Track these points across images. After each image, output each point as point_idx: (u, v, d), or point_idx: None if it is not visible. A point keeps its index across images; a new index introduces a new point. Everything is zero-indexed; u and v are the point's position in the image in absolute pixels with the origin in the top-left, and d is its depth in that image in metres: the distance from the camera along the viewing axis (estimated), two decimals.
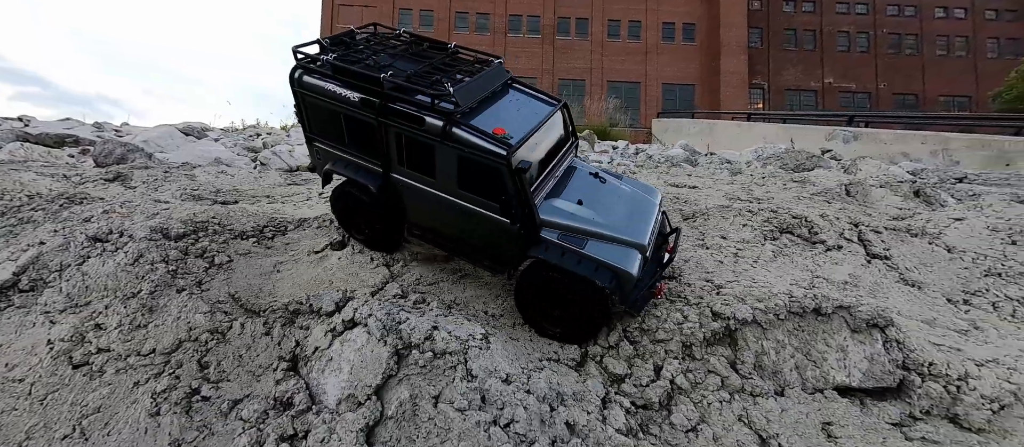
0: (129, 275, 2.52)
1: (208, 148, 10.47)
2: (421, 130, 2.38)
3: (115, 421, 1.83)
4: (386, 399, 1.78)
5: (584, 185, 2.77)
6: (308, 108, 2.77)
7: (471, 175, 2.38)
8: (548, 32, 33.64)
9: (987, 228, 4.61)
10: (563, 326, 2.42)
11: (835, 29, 31.84)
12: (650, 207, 2.76)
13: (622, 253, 2.36)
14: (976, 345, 2.65)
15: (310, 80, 2.64)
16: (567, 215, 2.47)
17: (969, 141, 11.27)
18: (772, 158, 8.62)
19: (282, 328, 2.33)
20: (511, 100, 2.76)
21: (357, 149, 2.69)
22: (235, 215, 3.38)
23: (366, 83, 2.46)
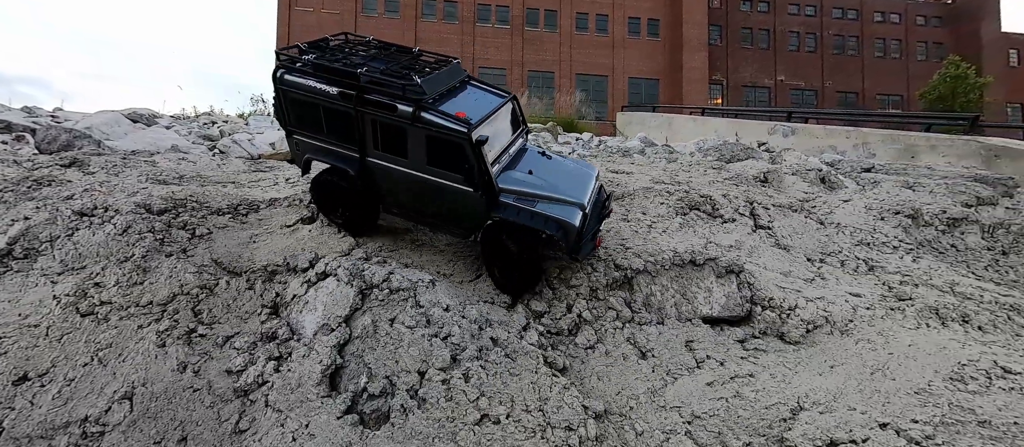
0: (120, 243, 2.93)
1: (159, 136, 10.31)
2: (394, 116, 2.84)
3: (127, 352, 2.31)
4: (353, 325, 2.36)
5: (533, 160, 3.33)
6: (289, 103, 3.16)
7: (438, 152, 2.84)
8: (517, 23, 34.00)
9: (865, 207, 5.72)
10: (518, 272, 2.92)
11: (786, 29, 34.29)
12: (588, 177, 3.32)
13: (566, 209, 2.90)
14: (814, 288, 3.57)
15: (292, 78, 3.04)
16: (520, 182, 2.98)
17: (883, 136, 12.97)
18: (711, 150, 9.69)
19: (263, 284, 2.84)
20: (468, 93, 3.27)
21: (335, 137, 3.09)
22: (211, 194, 3.78)
23: (344, 78, 2.90)
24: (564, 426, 2.06)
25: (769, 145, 12.18)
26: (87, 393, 2.10)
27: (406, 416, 2.01)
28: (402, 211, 3.26)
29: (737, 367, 2.67)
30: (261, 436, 1.96)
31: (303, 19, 31.38)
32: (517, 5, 33.83)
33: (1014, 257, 5.43)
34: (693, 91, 32.37)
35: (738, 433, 2.18)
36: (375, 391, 2.07)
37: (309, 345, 2.29)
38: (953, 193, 6.50)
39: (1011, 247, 5.52)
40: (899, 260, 4.76)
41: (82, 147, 7.33)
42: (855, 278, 4.00)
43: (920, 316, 3.34)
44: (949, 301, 3.69)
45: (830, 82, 33.70)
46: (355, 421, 1.99)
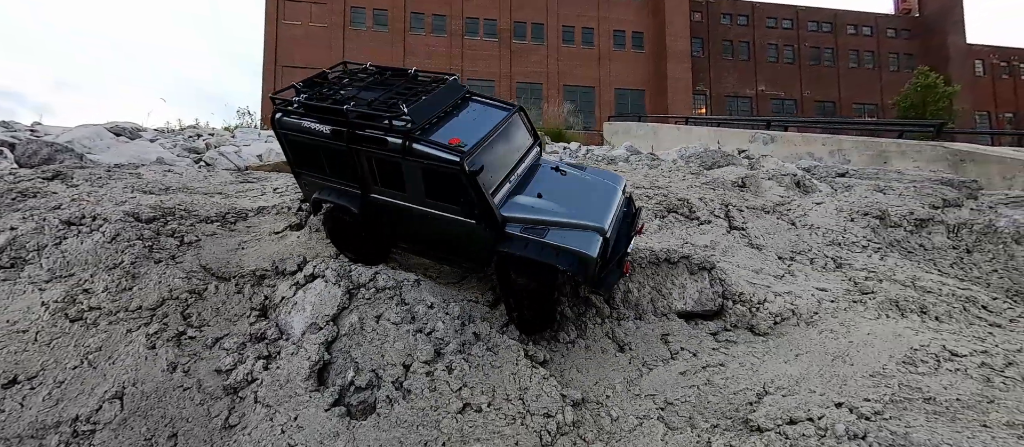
0: (109, 250, 2.99)
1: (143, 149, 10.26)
2: (386, 150, 2.69)
3: (117, 354, 2.37)
4: (340, 323, 2.47)
5: (545, 180, 2.99)
6: (290, 145, 3.13)
7: (434, 184, 2.64)
8: (505, 36, 34.68)
9: (836, 210, 6.02)
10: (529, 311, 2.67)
11: (765, 41, 35.65)
12: (611, 192, 2.97)
13: (582, 237, 2.57)
14: (783, 284, 3.78)
15: (288, 120, 3.02)
16: (527, 209, 2.70)
17: (857, 143, 13.58)
18: (693, 157, 10.05)
19: (251, 287, 2.93)
20: (469, 112, 3.04)
21: (338, 176, 3.00)
22: (199, 203, 3.86)
23: (333, 116, 2.80)
24: (543, 413, 2.19)
25: (749, 152, 12.65)
26: (77, 394, 2.16)
27: (391, 406, 2.12)
28: (410, 246, 3.12)
29: (709, 357, 2.83)
30: (251, 430, 2.05)
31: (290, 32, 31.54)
32: (505, 18, 34.55)
33: (977, 255, 5.76)
34: (678, 101, 33.29)
35: (707, 416, 2.34)
36: (362, 384, 2.18)
37: (298, 343, 2.39)
38: (921, 196, 6.87)
39: (974, 245, 5.85)
40: (866, 258, 5.03)
41: (64, 161, 7.29)
42: (823, 274, 4.24)
43: (881, 308, 3.57)
44: (909, 294, 3.93)
45: (808, 92, 35.00)
46: (342, 413, 2.09)
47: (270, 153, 11.36)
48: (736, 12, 36.10)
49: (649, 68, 34.91)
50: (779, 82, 34.90)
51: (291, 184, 5.51)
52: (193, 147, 11.25)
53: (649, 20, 35.22)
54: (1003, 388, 2.41)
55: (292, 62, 31.13)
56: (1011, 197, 7.36)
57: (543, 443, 2.06)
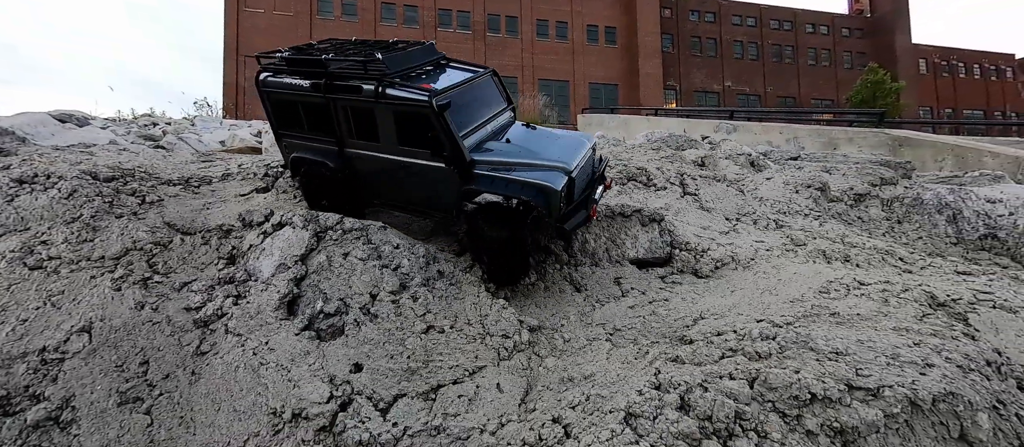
0: (66, 206, 3.00)
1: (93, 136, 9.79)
2: (361, 97, 2.82)
3: (81, 296, 2.43)
4: (309, 263, 2.62)
5: (515, 133, 3.17)
6: (273, 105, 3.25)
7: (406, 129, 2.77)
8: (479, 29, 34.64)
9: (784, 183, 6.55)
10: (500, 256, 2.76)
11: (731, 38, 37.29)
12: (580, 144, 3.13)
13: (547, 174, 2.70)
14: (726, 237, 4.19)
15: (271, 79, 3.16)
16: (496, 152, 2.86)
17: (810, 131, 14.65)
18: (659, 140, 10.58)
19: (218, 240, 3.02)
20: (445, 73, 3.19)
21: (315, 132, 3.12)
22: (160, 166, 3.86)
23: (314, 68, 2.95)
24: (501, 335, 2.43)
25: (712, 139, 13.40)
26: (42, 329, 2.22)
27: (359, 328, 2.30)
28: (384, 200, 3.25)
29: (655, 295, 3.16)
30: (223, 355, 2.18)
31: (253, 20, 30.34)
32: (478, 11, 34.52)
33: (906, 224, 6.43)
34: (649, 95, 34.37)
35: (649, 337, 2.65)
36: (330, 311, 2.35)
37: (267, 282, 2.52)
38: (862, 175, 7.56)
39: (904, 217, 6.53)
40: (806, 222, 5.56)
41: (5, 143, 6.92)
42: (764, 232, 4.70)
43: (810, 256, 4.04)
44: (837, 247, 4.44)
45: (771, 87, 36.92)
46: (312, 336, 2.26)
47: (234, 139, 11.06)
48: (704, 9, 37.52)
49: (622, 63, 35.80)
50: (744, 78, 36.63)
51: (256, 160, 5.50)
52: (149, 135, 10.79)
53: (621, 15, 36.10)
54: (897, 306, 2.85)
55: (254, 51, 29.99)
56: (940, 176, 8.22)
57: (500, 358, 2.30)
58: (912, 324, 2.59)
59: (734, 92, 36.85)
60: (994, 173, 8.21)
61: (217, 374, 2.10)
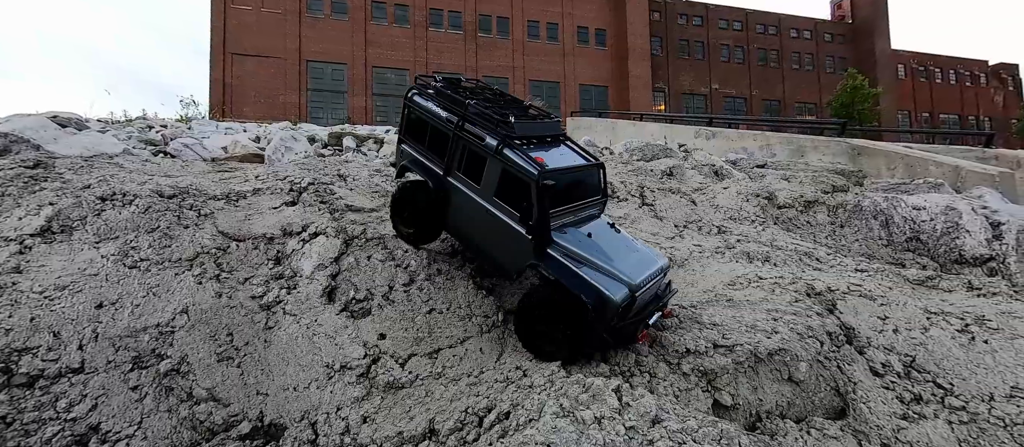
0: (145, 218, 3.90)
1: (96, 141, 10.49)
2: (482, 145, 3.23)
3: (173, 289, 3.35)
4: (341, 263, 3.58)
5: (598, 229, 3.31)
6: (409, 118, 3.83)
7: (507, 186, 3.07)
8: (470, 29, 35.38)
9: (737, 193, 7.69)
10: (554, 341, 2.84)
11: (718, 42, 38.73)
12: (652, 262, 3.19)
13: (611, 283, 2.78)
14: (671, 242, 5.24)
15: (418, 99, 3.77)
16: (574, 241, 3.01)
17: (781, 138, 15.92)
18: (636, 150, 11.68)
19: (265, 245, 3.95)
20: (559, 149, 3.50)
21: (431, 152, 3.60)
22: (204, 184, 4.76)
23: (455, 106, 3.46)
24: (483, 315, 3.42)
25: (688, 146, 14.56)
26: (153, 311, 3.14)
27: (382, 310, 3.27)
28: (459, 234, 3.60)
29: None
30: (285, 328, 3.13)
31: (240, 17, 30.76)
32: (470, 11, 35.26)
33: (847, 229, 7.62)
34: (638, 97, 35.59)
35: None
36: (360, 297, 3.31)
37: (310, 278, 3.48)
38: (816, 182, 8.75)
39: (846, 222, 7.72)
40: (749, 228, 6.67)
41: (19, 151, 7.66)
42: (705, 237, 5.78)
43: (736, 257, 5.11)
44: (763, 249, 5.52)
45: (756, 91, 38.49)
46: (348, 315, 3.22)
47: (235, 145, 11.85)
48: (691, 13, 38.83)
49: (612, 65, 36.93)
50: (730, 81, 38.14)
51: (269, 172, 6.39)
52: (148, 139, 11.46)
53: (611, 18, 37.20)
54: (779, 294, 3.91)
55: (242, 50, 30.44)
56: (891, 184, 9.46)
57: (482, 331, 3.29)
58: (784, 306, 3.65)
59: (721, 95, 38.31)
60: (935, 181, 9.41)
61: (282, 342, 3.06)
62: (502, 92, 4.17)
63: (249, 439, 2.57)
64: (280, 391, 2.80)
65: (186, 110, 24.38)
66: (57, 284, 3.15)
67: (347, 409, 2.65)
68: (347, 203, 4.78)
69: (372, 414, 2.61)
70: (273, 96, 31.02)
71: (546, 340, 2.94)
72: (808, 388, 2.98)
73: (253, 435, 2.60)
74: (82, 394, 2.64)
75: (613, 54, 37.35)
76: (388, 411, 2.63)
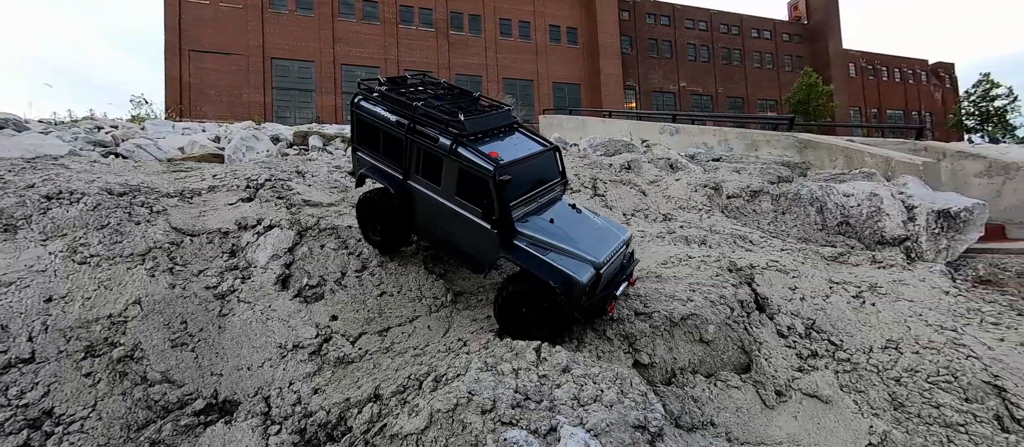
0: (94, 215, 3.97)
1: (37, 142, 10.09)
2: (435, 146, 3.24)
3: (125, 282, 3.47)
4: (295, 253, 3.78)
5: (560, 212, 3.44)
6: (359, 125, 3.75)
7: (466, 185, 3.13)
8: (441, 26, 35.33)
9: (687, 184, 8.24)
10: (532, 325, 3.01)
11: (685, 41, 40.23)
12: (615, 238, 3.37)
13: (577, 265, 2.94)
14: None
15: (365, 104, 3.70)
16: (537, 229, 3.14)
17: (737, 133, 16.92)
18: (599, 145, 12.21)
19: (220, 239, 4.09)
20: (513, 138, 3.52)
21: (387, 158, 3.59)
22: (157, 182, 4.82)
23: (403, 109, 3.43)
24: (433, 296, 3.71)
25: (650, 142, 15.29)
26: (105, 303, 3.26)
27: (334, 294, 3.50)
28: (427, 235, 3.66)
29: None
30: (239, 314, 3.32)
31: (197, 13, 29.63)
32: (441, 8, 35.20)
33: (788, 215, 8.30)
34: (610, 95, 36.57)
35: None
36: (313, 283, 3.53)
37: (264, 267, 3.66)
38: (763, 174, 9.43)
39: (787, 209, 8.40)
40: (694, 216, 7.21)
41: None
42: (650, 224, 6.26)
43: (675, 240, 5.59)
44: (701, 234, 6.04)
45: (722, 88, 40.24)
46: (301, 300, 3.44)
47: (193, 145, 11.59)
48: (659, 13, 40.14)
49: (583, 63, 37.75)
50: (697, 79, 39.72)
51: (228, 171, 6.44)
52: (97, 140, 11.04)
53: (582, 17, 38.01)
54: (703, 270, 4.38)
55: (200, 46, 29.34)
56: (831, 174, 10.29)
57: (432, 311, 3.58)
58: (705, 280, 4.11)
59: (688, 92, 39.83)
60: (869, 171, 10.31)
61: (236, 327, 3.25)
62: (450, 85, 4.13)
63: (203, 415, 2.77)
64: (234, 371, 3.00)
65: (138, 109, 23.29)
66: (1, 281, 3.22)
67: (299, 383, 2.89)
68: (305, 198, 4.95)
69: (323, 386, 2.86)
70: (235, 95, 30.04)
71: (525, 325, 3.08)
72: (717, 348, 3.43)
73: (207, 411, 2.80)
74: (33, 382, 2.76)
75: (585, 52, 38.16)
76: (338, 383, 2.88)
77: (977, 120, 31.87)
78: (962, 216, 7.31)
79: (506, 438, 1.78)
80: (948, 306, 4.05)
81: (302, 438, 2.52)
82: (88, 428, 2.61)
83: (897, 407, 3.03)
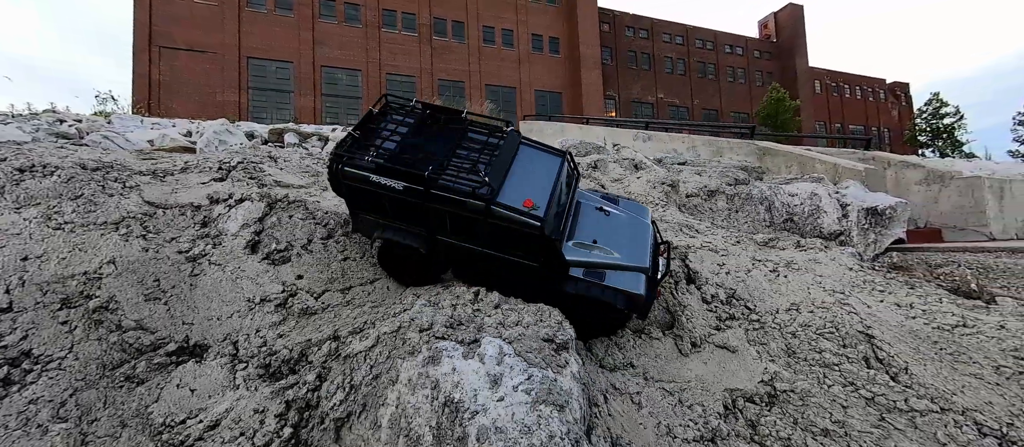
0: (68, 187, 4.22)
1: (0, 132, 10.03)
2: (464, 211, 3.01)
3: (99, 245, 3.74)
4: (264, 223, 4.13)
5: (593, 222, 3.44)
6: (349, 190, 3.30)
7: (509, 240, 3.02)
8: (425, 31, 35.83)
9: (647, 181, 8.90)
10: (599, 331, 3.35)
11: (663, 54, 41.97)
12: (645, 230, 3.54)
13: (632, 279, 3.09)
14: None
15: (352, 172, 3.21)
16: (585, 253, 3.24)
17: (704, 140, 18.04)
18: (570, 147, 12.88)
19: (192, 212, 4.39)
20: (524, 160, 3.36)
21: (403, 222, 3.26)
22: (130, 162, 5.07)
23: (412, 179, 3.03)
24: None
25: (621, 145, 16.15)
26: (80, 262, 3.53)
27: (300, 257, 3.87)
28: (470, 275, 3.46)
29: None
30: (209, 274, 3.65)
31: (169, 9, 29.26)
32: (424, 13, 35.72)
33: (741, 213, 9.03)
34: (591, 105, 37.73)
35: None
36: (281, 248, 3.89)
37: (235, 235, 4.00)
38: (722, 176, 10.18)
39: (740, 207, 9.14)
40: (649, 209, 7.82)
41: None
42: None
43: None
44: None
45: (697, 101, 42.05)
46: (269, 262, 3.79)
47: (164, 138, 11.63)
48: (638, 26, 41.82)
49: (565, 72, 38.88)
50: (674, 91, 41.42)
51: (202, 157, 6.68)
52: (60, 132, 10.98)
53: (564, 26, 39.27)
54: None
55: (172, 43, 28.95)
56: (786, 178, 11.15)
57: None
58: None
59: (666, 103, 41.46)
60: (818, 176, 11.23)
61: (208, 284, 3.57)
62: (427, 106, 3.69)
63: (176, 356, 3.09)
64: (204, 321, 3.33)
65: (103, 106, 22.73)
66: None
67: (265, 330, 3.24)
68: (276, 180, 5.28)
69: (287, 332, 3.22)
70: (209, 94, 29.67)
71: (592, 328, 3.31)
72: None
73: (179, 353, 3.11)
74: (12, 327, 3.02)
75: (566, 62, 39.32)
76: (302, 330, 3.25)
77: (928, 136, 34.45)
78: (887, 213, 8.20)
79: (437, 346, 2.21)
80: (849, 279, 4.71)
81: (267, 371, 2.87)
82: (66, 366, 2.89)
83: (790, 354, 3.60)
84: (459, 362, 2.09)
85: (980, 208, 11.77)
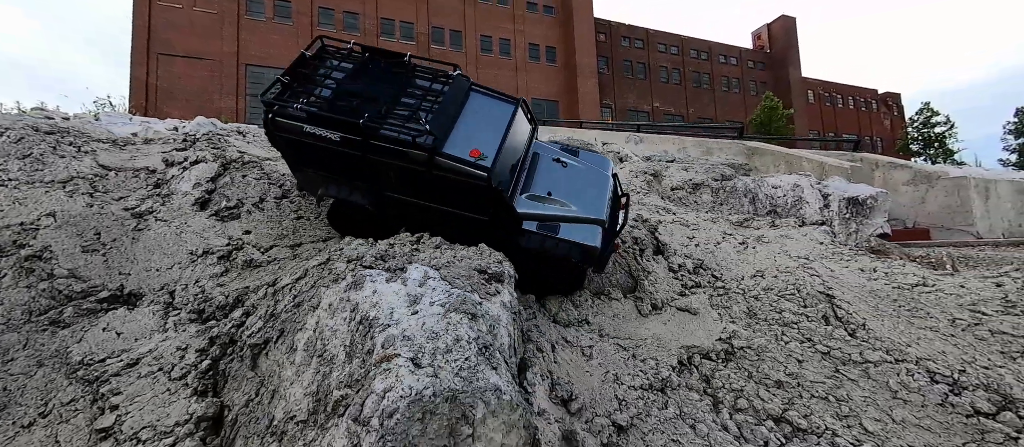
0: (18, 146, 4.15)
1: None
2: (407, 162, 2.76)
3: (41, 200, 3.65)
4: (217, 183, 4.05)
5: (550, 174, 3.25)
6: (289, 146, 3.06)
7: (457, 193, 2.82)
8: (423, 40, 36.22)
9: (629, 171, 8.87)
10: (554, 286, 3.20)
11: (658, 64, 42.52)
12: (604, 181, 3.35)
13: (588, 231, 2.95)
14: None
15: (285, 122, 2.93)
16: (539, 205, 3.08)
17: (694, 142, 18.20)
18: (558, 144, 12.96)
19: (146, 175, 4.32)
20: (474, 106, 3.11)
21: (346, 176, 3.03)
22: (90, 128, 5.01)
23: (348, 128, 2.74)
24: None
25: (612, 144, 16.27)
26: (17, 215, 3.44)
27: (250, 215, 3.78)
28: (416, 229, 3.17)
29: None
30: (154, 229, 3.55)
31: (169, 16, 29.57)
32: (422, 22, 36.18)
33: (725, 206, 8.99)
34: (587, 112, 38.02)
35: None
36: (231, 205, 3.81)
37: (185, 194, 3.92)
38: (708, 172, 10.17)
39: (724, 200, 9.10)
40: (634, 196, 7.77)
41: None
42: None
43: None
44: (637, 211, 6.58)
45: (692, 109, 42.47)
46: (217, 219, 3.70)
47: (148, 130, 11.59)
48: (634, 36, 42.44)
49: (561, 81, 39.28)
50: (669, 100, 41.85)
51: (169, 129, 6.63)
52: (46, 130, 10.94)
53: (560, 36, 39.79)
54: None
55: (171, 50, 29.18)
56: (770, 174, 11.13)
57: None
58: None
59: (661, 112, 41.85)
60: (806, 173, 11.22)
61: (151, 239, 3.48)
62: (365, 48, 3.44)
63: (107, 303, 2.97)
64: (142, 271, 3.22)
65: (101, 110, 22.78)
66: None
67: (205, 281, 3.14)
68: (241, 151, 5.22)
69: (227, 282, 3.12)
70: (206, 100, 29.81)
71: (548, 285, 3.18)
72: (608, 272, 3.86)
73: (112, 301, 3.00)
74: None
75: (563, 71, 39.71)
76: (243, 280, 3.14)
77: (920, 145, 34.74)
78: (868, 202, 8.17)
79: (362, 273, 2.12)
80: (818, 251, 4.64)
81: (200, 317, 2.77)
82: None
83: (751, 316, 3.51)
84: (381, 286, 2.00)
85: (966, 208, 11.78)
